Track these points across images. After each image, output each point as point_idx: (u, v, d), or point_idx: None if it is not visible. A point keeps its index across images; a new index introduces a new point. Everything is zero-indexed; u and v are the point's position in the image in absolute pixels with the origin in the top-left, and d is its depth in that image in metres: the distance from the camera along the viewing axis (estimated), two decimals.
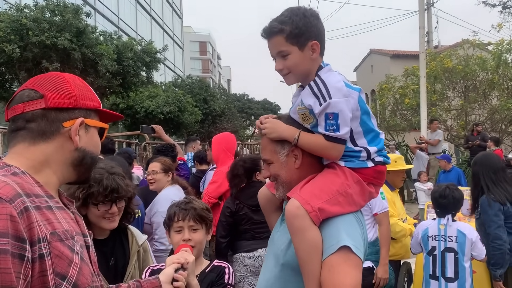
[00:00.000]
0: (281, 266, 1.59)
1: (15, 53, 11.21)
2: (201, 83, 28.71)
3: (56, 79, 1.23)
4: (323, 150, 1.56)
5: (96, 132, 1.30)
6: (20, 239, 0.98)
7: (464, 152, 13.99)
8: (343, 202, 1.52)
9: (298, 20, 1.54)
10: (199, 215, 2.20)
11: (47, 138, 1.18)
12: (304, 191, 1.52)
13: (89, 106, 1.26)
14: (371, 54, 32.65)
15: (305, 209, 1.46)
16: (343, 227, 1.49)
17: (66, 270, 1.08)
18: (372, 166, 1.60)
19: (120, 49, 14.19)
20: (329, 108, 1.50)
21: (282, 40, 1.55)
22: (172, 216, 2.21)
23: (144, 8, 33.74)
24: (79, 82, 1.28)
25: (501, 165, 3.86)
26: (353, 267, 1.44)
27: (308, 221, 1.46)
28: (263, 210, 1.89)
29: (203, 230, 2.23)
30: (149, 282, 1.45)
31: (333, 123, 1.51)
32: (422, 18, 13.31)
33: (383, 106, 18.43)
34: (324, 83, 1.54)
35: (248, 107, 44.11)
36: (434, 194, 3.68)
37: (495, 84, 14.75)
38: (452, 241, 3.49)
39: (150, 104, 19.65)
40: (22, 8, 12.85)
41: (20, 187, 1.05)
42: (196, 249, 2.17)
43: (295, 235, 1.48)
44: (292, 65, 1.57)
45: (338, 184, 1.54)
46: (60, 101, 1.19)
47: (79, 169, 1.26)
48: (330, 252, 1.45)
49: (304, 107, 1.58)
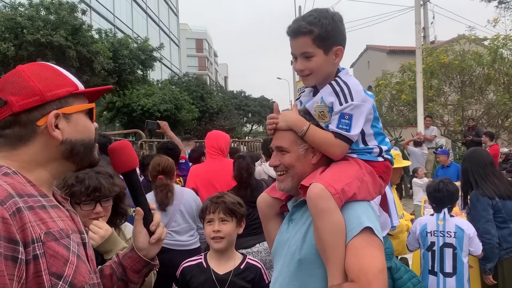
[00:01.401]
0: (298, 261, 1.55)
1: (10, 51, 11.16)
2: (198, 81, 28.70)
3: (16, 79, 1.15)
4: (329, 146, 1.56)
5: (81, 117, 1.23)
6: (12, 241, 0.97)
7: (461, 147, 14.04)
8: (361, 188, 1.53)
9: (327, 24, 1.53)
10: (228, 208, 2.36)
11: (26, 141, 1.15)
12: (325, 176, 1.51)
13: (61, 94, 1.17)
14: (367, 50, 32.66)
15: (329, 191, 1.44)
16: (362, 211, 1.50)
17: (62, 269, 1.06)
18: (382, 161, 1.63)
19: (115, 46, 14.15)
20: (348, 109, 1.52)
21: (309, 42, 1.54)
22: (205, 209, 2.40)
23: (139, 5, 33.61)
24: (43, 72, 1.18)
25: (490, 159, 3.87)
26: (378, 248, 1.44)
27: (333, 203, 1.44)
28: (262, 216, 1.85)
29: (233, 222, 2.38)
30: (127, 257, 1.40)
31: (347, 123, 1.53)
32: (418, 14, 13.30)
33: (379, 102, 18.43)
34: (346, 85, 1.56)
35: (245, 104, 44.11)
36: (429, 189, 3.72)
37: (491, 79, 14.78)
38: (451, 236, 3.51)
39: (146, 102, 19.61)
40: (17, 6, 12.78)
41: (12, 187, 1.03)
42: (226, 240, 2.32)
43: (320, 217, 1.45)
44: (315, 68, 1.57)
45: (354, 170, 1.56)
46: (24, 102, 1.12)
47: (74, 159, 1.22)
48: (353, 234, 1.44)
49: (324, 105, 1.58)
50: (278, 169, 1.64)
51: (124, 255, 1.41)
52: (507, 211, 3.64)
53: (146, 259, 1.39)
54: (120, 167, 1.36)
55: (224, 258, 2.34)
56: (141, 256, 1.38)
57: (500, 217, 3.64)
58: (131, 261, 1.39)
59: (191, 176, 4.43)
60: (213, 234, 2.31)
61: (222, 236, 2.30)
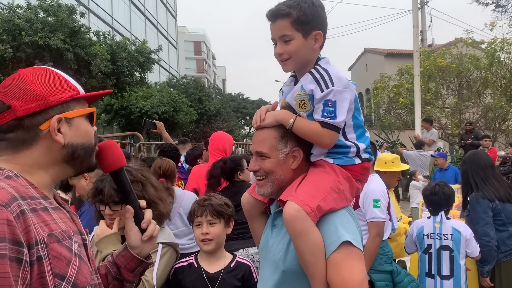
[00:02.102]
0: (282, 272, 1.57)
1: (7, 53, 11.16)
2: (196, 83, 28.71)
3: (19, 83, 1.16)
4: (317, 136, 1.55)
5: (82, 121, 1.24)
6: (17, 243, 0.98)
7: (458, 150, 14.06)
8: (337, 199, 1.53)
9: (307, 7, 1.53)
10: (216, 210, 2.39)
11: (28, 145, 1.16)
12: (300, 193, 1.51)
13: (63, 99, 1.19)
14: (365, 53, 32.75)
15: (304, 210, 1.45)
16: (340, 223, 1.50)
17: (65, 270, 1.08)
18: (359, 163, 1.62)
19: (114, 49, 14.15)
20: (330, 95, 1.50)
21: (287, 24, 1.53)
22: (192, 212, 2.43)
23: (138, 8, 33.63)
24: (45, 77, 1.19)
25: (490, 162, 3.88)
26: (357, 260, 1.46)
27: (309, 222, 1.45)
28: (247, 216, 1.85)
29: (221, 224, 2.41)
30: (120, 256, 1.41)
31: (331, 110, 1.51)
32: (416, 17, 13.37)
33: (377, 105, 18.47)
34: (326, 71, 1.55)
35: (243, 107, 44.08)
36: (425, 192, 3.73)
37: (488, 83, 14.82)
38: (448, 239, 3.51)
39: (144, 104, 19.62)
40: (15, 8, 12.78)
41: (15, 190, 1.05)
42: (215, 242, 2.36)
43: (298, 238, 1.47)
44: (293, 51, 1.55)
45: (330, 181, 1.54)
46: (28, 107, 1.13)
47: (74, 163, 1.23)
48: (332, 249, 1.45)
49: (304, 93, 1.56)
50: (258, 174, 1.63)
51: (117, 254, 1.41)
52: (506, 214, 3.65)
53: (139, 257, 1.39)
54: (108, 166, 1.37)
55: (214, 258, 2.40)
56: (134, 255, 1.39)
57: (499, 220, 3.65)
58: (125, 260, 1.39)
59: (193, 177, 4.43)
60: (202, 236, 2.35)
61: (210, 238, 2.35)
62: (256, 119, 1.64)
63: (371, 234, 3.29)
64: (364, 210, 3.34)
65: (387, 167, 4.22)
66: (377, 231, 3.30)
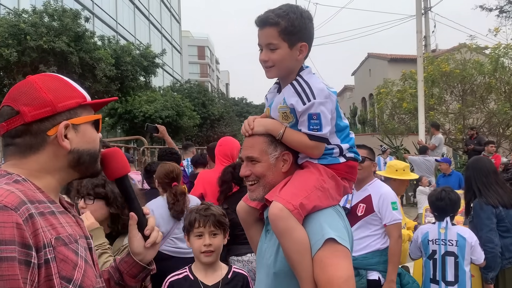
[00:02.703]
0: (273, 275, 1.60)
1: (12, 57, 11.24)
2: (200, 87, 28.78)
3: (28, 90, 1.17)
4: (306, 148, 1.60)
5: (88, 128, 1.26)
6: (26, 246, 1.00)
7: (462, 155, 14.02)
8: (321, 197, 1.56)
9: (295, 19, 1.55)
10: (218, 221, 2.33)
11: (36, 150, 1.18)
12: (283, 192, 1.54)
13: (70, 105, 1.21)
14: (369, 58, 32.76)
15: (287, 208, 1.48)
16: (325, 221, 1.53)
17: (71, 273, 1.09)
18: (344, 161, 1.65)
19: (118, 53, 14.22)
20: (313, 108, 1.54)
21: (275, 33, 1.56)
22: (193, 222, 2.32)
23: (142, 12, 33.81)
24: (53, 83, 1.21)
25: (493, 168, 3.87)
26: (342, 257, 1.47)
27: (293, 220, 1.48)
28: (243, 223, 1.88)
29: (221, 235, 2.36)
30: (123, 262, 1.42)
31: (316, 122, 1.55)
32: (419, 22, 13.37)
33: (381, 110, 18.45)
34: (307, 84, 1.58)
35: (246, 111, 44.18)
36: (431, 197, 3.70)
37: (492, 88, 14.77)
38: (453, 245, 3.50)
39: (148, 108, 19.69)
40: (21, 13, 12.88)
41: (23, 194, 1.07)
42: (216, 254, 2.31)
43: (283, 237, 1.50)
44: (278, 60, 1.58)
45: (314, 180, 1.58)
46: (36, 113, 1.15)
47: (79, 168, 1.25)
48: (317, 247, 1.48)
49: (286, 106, 1.60)
50: (249, 179, 1.66)
51: (120, 260, 1.43)
52: (510, 221, 3.63)
53: (142, 263, 1.40)
54: (112, 174, 1.38)
55: (211, 269, 2.32)
56: (137, 261, 1.40)
57: (503, 226, 3.64)
58: (128, 266, 1.40)
59: (200, 181, 4.45)
60: (204, 248, 2.27)
61: (213, 249, 2.28)
62: (245, 127, 1.67)
63: (393, 236, 3.36)
64: (381, 215, 3.37)
65: (398, 175, 4.22)
66: (398, 232, 3.38)
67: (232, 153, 4.49)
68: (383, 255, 3.38)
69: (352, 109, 30.57)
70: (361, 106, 32.66)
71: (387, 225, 3.36)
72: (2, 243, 0.96)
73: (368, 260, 3.38)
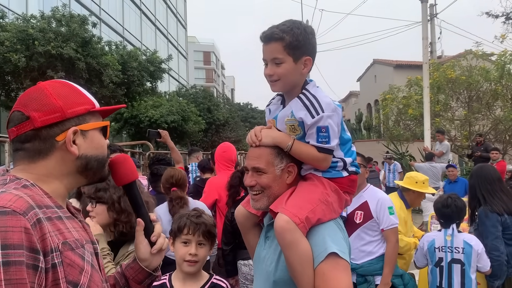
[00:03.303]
0: (273, 283, 1.63)
1: (21, 62, 11.34)
2: (205, 93, 28.85)
3: (38, 96, 1.20)
4: (315, 160, 1.63)
5: (96, 134, 1.28)
6: (34, 250, 1.01)
7: (468, 162, 13.95)
8: (325, 210, 1.59)
9: (299, 34, 1.59)
10: (208, 231, 2.23)
11: (44, 155, 1.19)
12: (289, 205, 1.57)
13: (79, 112, 1.23)
14: (374, 64, 32.74)
15: (294, 222, 1.51)
16: (327, 234, 1.56)
17: (78, 278, 1.10)
18: (346, 175, 1.68)
19: (125, 58, 14.32)
20: (321, 121, 1.58)
21: (280, 48, 1.60)
22: (182, 227, 2.21)
23: (148, 18, 34.03)
24: (63, 90, 1.23)
25: (497, 176, 3.85)
26: (343, 271, 1.51)
27: (298, 234, 1.51)
28: (241, 228, 1.90)
29: (208, 246, 2.26)
30: (129, 268, 1.43)
31: (325, 135, 1.59)
32: (425, 29, 13.37)
33: (386, 116, 18.43)
34: (315, 97, 1.61)
35: (251, 117, 44.20)
36: (437, 205, 3.67)
37: (498, 95, 14.72)
38: (459, 252, 3.47)
39: (154, 113, 19.75)
40: (29, 18, 13.01)
41: (31, 199, 1.08)
42: (199, 265, 2.20)
43: (288, 249, 1.52)
44: (283, 74, 1.62)
45: (318, 193, 1.61)
46: (46, 118, 1.17)
47: (87, 174, 1.27)
48: (319, 260, 1.51)
49: (294, 119, 1.63)
50: (254, 189, 1.68)
51: (126, 266, 1.44)
52: None
53: (148, 270, 1.41)
54: (120, 180, 1.40)
55: (191, 279, 2.22)
56: (142, 267, 1.41)
57: (509, 234, 3.61)
58: (133, 272, 1.42)
59: (213, 187, 4.51)
60: (189, 257, 2.16)
61: (197, 260, 2.17)
62: (252, 138, 1.68)
63: (391, 241, 3.38)
64: (379, 220, 3.40)
65: (417, 187, 4.20)
66: (395, 237, 3.42)
67: (235, 158, 4.73)
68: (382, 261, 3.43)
69: (358, 115, 30.52)
70: (367, 112, 32.59)
71: (385, 229, 3.40)
72: (10, 247, 0.97)
73: (374, 266, 3.41)
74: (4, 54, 11.35)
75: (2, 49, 11.37)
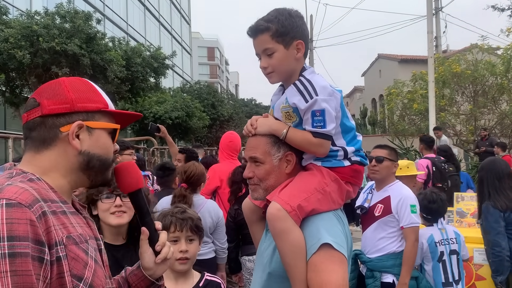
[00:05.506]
0: (268, 275, 1.60)
1: (25, 59, 11.36)
2: (209, 88, 28.81)
3: (54, 86, 1.23)
4: (311, 146, 1.58)
5: (103, 134, 1.27)
6: (39, 242, 1.02)
7: (473, 157, 13.88)
8: (322, 200, 1.55)
9: (284, 19, 1.57)
10: (196, 225, 2.18)
11: (48, 145, 1.20)
12: (283, 193, 1.54)
13: (90, 108, 1.24)
14: (379, 59, 32.61)
15: (285, 209, 1.47)
16: (322, 225, 1.51)
17: (82, 272, 1.11)
18: (348, 165, 1.62)
19: (129, 54, 14.32)
20: (316, 105, 1.53)
21: (268, 38, 1.57)
22: (168, 225, 2.13)
23: (152, 14, 34.02)
24: (80, 86, 1.25)
25: (507, 171, 3.79)
26: (337, 263, 1.46)
27: (290, 222, 1.47)
28: (247, 221, 1.89)
29: (197, 241, 2.20)
30: (133, 274, 1.42)
31: (320, 119, 1.54)
32: (430, 23, 13.27)
33: (391, 111, 18.34)
34: (309, 82, 1.57)
35: (256, 112, 44.08)
36: (423, 202, 3.60)
37: (504, 89, 14.60)
38: (454, 242, 3.54)
39: (158, 109, 19.75)
40: (33, 15, 13.02)
41: (37, 192, 1.09)
42: (191, 261, 2.15)
43: (278, 238, 1.49)
44: (277, 63, 1.59)
45: (315, 182, 1.56)
46: (54, 107, 1.19)
47: (89, 173, 1.26)
48: (312, 251, 1.47)
49: (288, 105, 1.60)
50: (252, 181, 1.66)
51: (130, 272, 1.43)
52: None
53: (151, 278, 1.40)
54: (126, 187, 1.38)
55: (182, 278, 2.16)
56: (146, 275, 1.39)
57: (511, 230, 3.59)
58: (136, 279, 1.40)
59: (216, 174, 4.53)
60: (179, 254, 2.08)
61: (188, 257, 2.10)
62: (248, 127, 1.67)
63: (410, 240, 3.30)
64: (399, 216, 3.33)
65: (402, 172, 4.22)
66: (415, 236, 3.32)
67: (239, 148, 4.83)
68: (398, 258, 3.34)
69: (362, 110, 30.43)
70: (371, 107, 32.50)
71: (404, 227, 3.31)
72: (16, 239, 0.98)
73: (383, 262, 3.36)
74: (9, 51, 11.37)
75: (7, 45, 11.39)
